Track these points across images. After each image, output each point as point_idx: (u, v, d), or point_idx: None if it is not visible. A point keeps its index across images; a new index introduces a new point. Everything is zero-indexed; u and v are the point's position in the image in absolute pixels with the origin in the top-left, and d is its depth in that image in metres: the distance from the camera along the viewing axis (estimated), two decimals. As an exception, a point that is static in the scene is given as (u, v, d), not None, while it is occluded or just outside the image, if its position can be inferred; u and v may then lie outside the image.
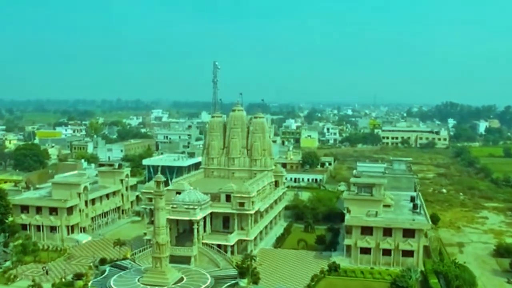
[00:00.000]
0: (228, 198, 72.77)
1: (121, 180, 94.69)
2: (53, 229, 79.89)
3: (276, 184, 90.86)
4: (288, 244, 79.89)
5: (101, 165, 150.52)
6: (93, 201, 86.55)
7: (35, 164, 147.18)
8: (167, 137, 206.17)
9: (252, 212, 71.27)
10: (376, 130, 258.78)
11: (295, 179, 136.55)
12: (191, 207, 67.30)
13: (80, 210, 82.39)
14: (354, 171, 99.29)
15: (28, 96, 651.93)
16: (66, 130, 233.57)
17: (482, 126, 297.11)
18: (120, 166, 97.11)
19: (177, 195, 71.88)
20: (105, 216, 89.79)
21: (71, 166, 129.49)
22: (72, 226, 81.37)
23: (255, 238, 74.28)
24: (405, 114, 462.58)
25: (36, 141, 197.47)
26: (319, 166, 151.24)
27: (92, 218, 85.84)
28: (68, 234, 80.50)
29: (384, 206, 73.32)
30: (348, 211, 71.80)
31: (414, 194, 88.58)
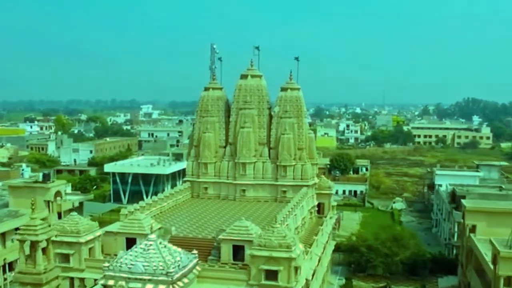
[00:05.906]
0: (238, 251, 33.11)
1: (48, 202, 54.60)
2: None
3: (319, 209, 51.27)
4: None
5: (59, 171, 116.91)
6: (-17, 244, 46.78)
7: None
8: (152, 134, 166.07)
9: (298, 293, 31.24)
10: (405, 128, 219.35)
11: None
12: (149, 286, 27.38)
13: None
14: (446, 186, 59.46)
15: (21, 96, 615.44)
16: (31, 127, 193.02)
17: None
18: (46, 177, 56.45)
19: (128, 250, 32.04)
20: (10, 271, 49.74)
21: (1, 173, 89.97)
22: None
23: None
24: (416, 113, 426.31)
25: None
26: (351, 172, 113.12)
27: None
28: None
29: None
30: (498, 278, 32.10)
31: None
